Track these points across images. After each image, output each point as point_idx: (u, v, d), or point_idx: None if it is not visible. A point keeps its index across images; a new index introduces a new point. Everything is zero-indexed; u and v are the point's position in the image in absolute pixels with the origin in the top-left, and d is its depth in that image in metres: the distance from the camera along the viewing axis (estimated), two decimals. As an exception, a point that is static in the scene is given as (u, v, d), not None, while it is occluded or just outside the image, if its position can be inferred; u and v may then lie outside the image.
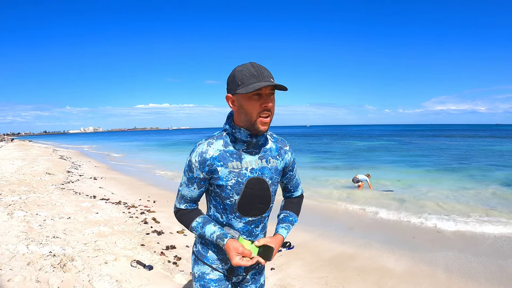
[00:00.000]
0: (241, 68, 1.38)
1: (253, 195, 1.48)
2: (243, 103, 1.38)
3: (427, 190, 10.18)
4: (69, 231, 4.98)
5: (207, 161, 1.43)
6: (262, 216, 1.55)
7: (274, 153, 1.55)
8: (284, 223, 1.63)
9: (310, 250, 5.01)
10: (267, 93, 1.37)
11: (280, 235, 1.57)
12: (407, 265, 4.50)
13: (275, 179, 1.54)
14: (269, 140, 1.56)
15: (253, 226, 1.54)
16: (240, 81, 1.36)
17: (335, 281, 3.90)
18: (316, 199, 8.96)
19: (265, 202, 1.53)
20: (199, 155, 1.44)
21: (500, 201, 8.59)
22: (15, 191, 8.33)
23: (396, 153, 23.82)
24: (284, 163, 1.59)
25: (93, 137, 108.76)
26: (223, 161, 1.43)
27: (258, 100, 1.36)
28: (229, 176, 1.44)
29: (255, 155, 1.49)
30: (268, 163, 1.51)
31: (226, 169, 1.43)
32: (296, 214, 1.72)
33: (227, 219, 1.52)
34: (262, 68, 1.38)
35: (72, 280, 3.33)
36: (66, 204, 6.93)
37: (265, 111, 1.38)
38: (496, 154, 21.46)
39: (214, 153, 1.44)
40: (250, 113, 1.38)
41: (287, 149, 1.61)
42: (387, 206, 8.16)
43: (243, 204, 1.48)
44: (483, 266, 4.48)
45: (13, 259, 3.69)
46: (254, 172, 1.47)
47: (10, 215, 5.70)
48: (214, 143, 1.46)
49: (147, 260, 3.99)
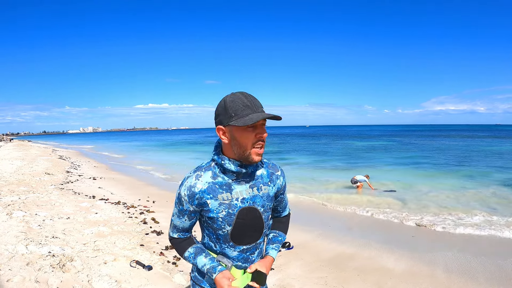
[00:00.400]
0: (232, 99, 1.34)
1: (245, 225, 1.46)
2: (237, 135, 1.35)
3: (426, 191, 10.18)
4: (68, 231, 4.97)
5: (196, 195, 1.40)
6: (256, 243, 1.54)
7: (266, 179, 1.52)
8: (274, 244, 1.63)
9: (310, 250, 5.01)
10: (261, 123, 1.35)
11: (271, 257, 1.57)
12: (406, 265, 4.51)
13: (267, 206, 1.52)
14: (259, 166, 1.52)
15: (248, 254, 1.53)
16: (233, 113, 1.32)
17: (335, 281, 3.90)
18: (315, 199, 8.95)
19: (258, 230, 1.51)
20: (187, 189, 1.41)
21: (499, 202, 8.60)
22: (14, 191, 8.32)
23: (396, 154, 23.83)
24: (276, 188, 1.56)
25: (92, 137, 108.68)
26: (212, 193, 1.40)
27: (253, 132, 1.34)
28: (220, 208, 1.41)
29: (245, 184, 1.45)
30: (260, 191, 1.48)
31: (216, 201, 1.41)
32: (284, 234, 1.72)
33: (220, 248, 1.51)
34: (253, 98, 1.36)
35: (71, 280, 3.33)
36: (65, 204, 6.93)
37: (259, 141, 1.36)
38: (495, 155, 21.47)
39: (203, 186, 1.41)
40: (244, 145, 1.35)
41: (278, 174, 1.58)
42: (386, 206, 8.17)
43: (235, 234, 1.46)
44: (483, 266, 4.48)
45: (12, 259, 3.69)
46: (245, 201, 1.44)
47: (9, 215, 5.69)
48: (202, 175, 1.43)
49: (146, 260, 3.99)
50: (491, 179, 12.01)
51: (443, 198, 9.04)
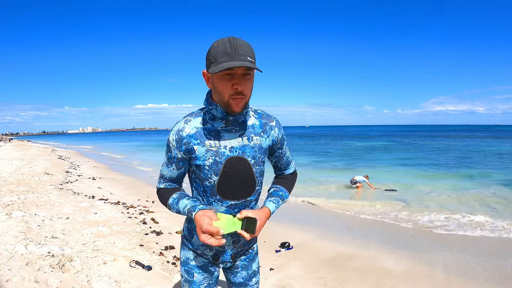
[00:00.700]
0: (216, 44, 1.25)
1: (233, 176, 1.37)
2: (215, 82, 1.29)
3: (426, 191, 10.20)
4: (67, 231, 4.97)
5: (184, 139, 1.35)
6: (246, 200, 1.43)
7: (258, 130, 1.43)
8: (273, 197, 1.51)
9: (309, 250, 5.01)
10: (240, 73, 1.25)
11: (267, 208, 1.45)
12: (406, 265, 4.51)
13: (259, 158, 1.42)
14: (252, 116, 1.44)
15: (236, 211, 1.42)
16: (213, 58, 1.24)
17: (334, 282, 3.90)
18: (315, 199, 8.95)
19: (248, 184, 1.41)
20: (175, 133, 1.36)
21: (499, 202, 8.61)
22: (13, 191, 8.31)
23: (395, 154, 23.84)
24: (270, 140, 1.47)
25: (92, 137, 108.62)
26: (200, 139, 1.35)
27: (230, 81, 1.25)
28: (206, 155, 1.34)
29: (235, 133, 1.37)
30: (251, 141, 1.39)
31: (203, 147, 1.34)
32: (288, 190, 1.60)
33: (208, 202, 1.42)
34: (239, 45, 1.23)
35: (71, 280, 3.32)
36: (65, 204, 6.92)
37: (237, 93, 1.27)
38: (495, 155, 21.50)
39: (191, 130, 1.35)
40: (222, 93, 1.28)
41: (273, 125, 1.48)
42: (386, 206, 8.17)
43: (222, 185, 1.37)
44: (482, 266, 4.49)
45: (12, 260, 3.68)
46: (234, 151, 1.36)
47: (8, 215, 5.68)
48: (191, 120, 1.37)
49: (146, 261, 3.99)
50: (490, 180, 12.02)
51: (442, 199, 9.05)
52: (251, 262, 1.60)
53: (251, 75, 1.29)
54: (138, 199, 8.21)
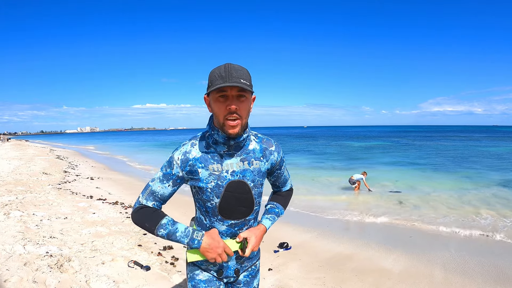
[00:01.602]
0: (213, 70, 1.35)
1: (233, 198, 1.45)
2: (212, 105, 1.37)
3: (423, 191, 10.22)
4: (66, 231, 4.95)
5: (190, 161, 1.41)
6: (245, 219, 1.51)
7: (258, 154, 1.50)
8: (270, 214, 1.62)
9: (308, 250, 5.01)
10: (234, 94, 1.31)
11: (263, 225, 1.56)
12: (404, 265, 4.51)
13: (258, 181, 1.50)
14: (253, 140, 1.51)
15: (236, 229, 1.51)
16: (210, 82, 1.33)
17: (333, 282, 3.90)
18: (313, 199, 8.96)
19: (247, 205, 1.49)
20: (182, 154, 1.42)
21: (497, 202, 8.63)
22: (11, 191, 8.29)
23: (393, 154, 23.89)
24: (269, 164, 1.54)
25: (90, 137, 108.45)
26: (204, 162, 1.41)
27: (224, 102, 1.32)
28: (209, 179, 1.42)
29: (236, 157, 1.45)
30: (251, 165, 1.47)
31: (206, 171, 1.41)
32: (283, 207, 1.70)
33: (210, 221, 1.49)
34: (233, 68, 1.31)
35: (69, 280, 3.32)
36: (63, 204, 6.90)
37: (230, 113, 1.32)
38: (493, 156, 21.57)
39: (197, 154, 1.42)
40: (218, 115, 1.35)
41: (272, 150, 1.55)
42: (384, 206, 8.19)
43: (223, 207, 1.45)
44: (480, 266, 4.50)
45: (10, 260, 3.67)
46: (235, 175, 1.44)
47: (6, 215, 5.67)
48: (197, 144, 1.45)
49: (144, 261, 3.98)
50: (488, 180, 12.06)
51: (440, 199, 9.07)
52: (253, 278, 1.67)
53: (245, 97, 1.35)
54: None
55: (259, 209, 1.57)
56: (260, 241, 1.53)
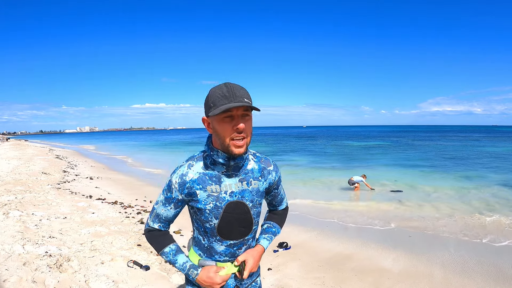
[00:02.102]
0: (214, 90, 1.32)
1: (232, 219, 1.44)
2: (216, 126, 1.33)
3: (423, 191, 10.23)
4: (65, 231, 4.95)
5: (187, 184, 1.39)
6: (244, 239, 1.51)
7: (257, 174, 1.49)
8: (267, 234, 1.61)
9: (307, 250, 5.01)
10: (239, 114, 1.30)
11: (261, 246, 1.56)
12: (404, 265, 4.52)
13: (256, 201, 1.49)
14: (251, 160, 1.50)
15: (235, 249, 1.50)
16: (212, 103, 1.30)
17: (332, 281, 3.90)
18: (313, 200, 8.96)
19: (246, 225, 1.48)
20: (179, 177, 1.41)
21: (496, 202, 8.63)
22: (10, 190, 8.28)
23: (393, 154, 23.89)
24: (267, 183, 1.54)
25: (90, 137, 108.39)
26: (202, 184, 1.40)
27: (230, 123, 1.30)
28: (208, 200, 1.40)
29: (235, 178, 1.43)
30: (249, 186, 1.46)
31: (205, 192, 1.40)
32: (280, 226, 1.69)
33: (208, 242, 1.48)
34: (236, 88, 1.30)
35: (68, 280, 3.31)
36: (62, 204, 6.90)
37: (237, 133, 1.31)
38: (492, 156, 21.58)
39: (194, 176, 1.40)
40: (222, 136, 1.32)
41: (270, 169, 1.54)
42: (384, 206, 8.19)
43: (222, 228, 1.44)
44: (480, 266, 4.50)
45: (9, 259, 3.67)
46: (233, 195, 1.42)
47: (5, 215, 5.66)
48: (194, 165, 1.43)
49: (143, 261, 3.98)
50: (487, 180, 12.06)
51: (440, 199, 9.07)
52: None
53: (249, 116, 1.35)
54: (136, 198, 8.20)
55: (257, 228, 1.57)
56: (258, 261, 1.53)
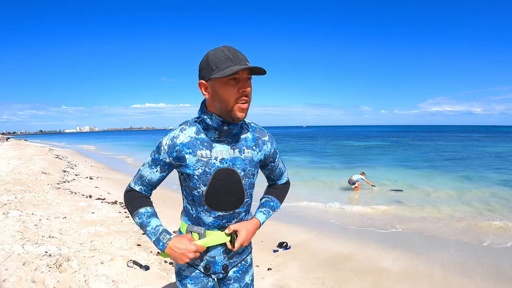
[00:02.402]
0: (214, 52, 1.28)
1: (221, 187, 1.38)
2: (219, 89, 1.28)
3: (423, 191, 10.24)
4: (65, 231, 4.95)
5: (176, 146, 1.36)
6: (234, 212, 1.44)
7: (250, 143, 1.44)
8: (264, 208, 1.56)
9: (307, 250, 5.01)
10: (245, 77, 1.28)
11: (257, 219, 1.50)
12: (404, 265, 4.51)
13: (249, 171, 1.43)
14: (245, 129, 1.46)
15: (224, 221, 1.43)
16: (214, 65, 1.26)
17: (332, 281, 3.90)
18: (313, 200, 8.95)
19: (237, 196, 1.42)
20: (170, 139, 1.37)
21: (496, 202, 8.63)
22: (10, 190, 8.27)
23: (393, 154, 23.90)
24: (262, 155, 1.49)
25: (90, 137, 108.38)
26: (192, 148, 1.36)
27: (235, 86, 1.27)
28: (197, 165, 1.36)
29: (227, 144, 1.39)
30: (242, 154, 1.41)
31: (194, 157, 1.36)
32: (279, 200, 1.63)
33: (196, 212, 1.43)
34: (237, 51, 1.28)
35: (68, 280, 3.31)
36: (62, 204, 6.89)
37: (243, 96, 1.29)
38: (492, 156, 21.58)
39: (185, 139, 1.37)
40: (226, 100, 1.28)
41: (265, 139, 1.50)
42: (384, 206, 8.18)
43: (210, 196, 1.39)
44: (480, 266, 4.50)
45: (9, 259, 3.66)
46: (224, 162, 1.37)
47: (5, 214, 5.66)
48: (186, 129, 1.39)
49: (143, 260, 3.97)
50: (488, 180, 12.07)
51: (440, 199, 9.08)
52: (244, 274, 1.59)
53: (250, 79, 1.32)
54: (136, 198, 8.19)
55: (250, 202, 1.51)
56: (252, 235, 1.46)
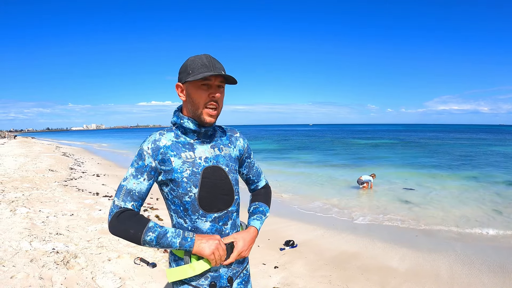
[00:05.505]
0: (194, 58, 1.37)
1: (212, 186, 1.40)
2: (191, 92, 1.36)
3: (430, 190, 10.15)
4: (72, 228, 4.98)
5: (161, 149, 1.35)
6: (228, 211, 1.44)
7: (225, 141, 1.52)
8: (255, 215, 1.58)
9: (314, 249, 5.00)
10: (216, 84, 1.36)
11: (253, 227, 1.52)
12: (410, 264, 4.48)
13: (232, 166, 1.49)
14: (218, 130, 1.54)
15: (221, 224, 1.42)
16: (191, 70, 1.34)
17: (339, 280, 3.89)
18: (320, 198, 8.93)
19: (227, 192, 1.44)
20: (152, 142, 1.36)
21: (504, 202, 8.54)
22: (18, 187, 8.35)
23: (400, 153, 23.75)
24: (237, 150, 1.56)
25: (97, 134, 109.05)
26: (176, 151, 1.37)
27: (207, 91, 1.35)
28: (184, 167, 1.36)
29: (207, 145, 1.45)
30: (221, 151, 1.47)
31: (179, 159, 1.36)
32: (266, 204, 1.65)
33: (191, 221, 1.39)
34: (215, 60, 1.37)
35: (75, 277, 3.33)
36: (69, 201, 6.94)
37: (212, 101, 1.36)
38: (499, 155, 21.35)
39: (167, 142, 1.38)
40: (197, 103, 1.36)
41: (237, 136, 1.59)
42: (390, 205, 8.14)
43: (204, 197, 1.38)
44: (486, 266, 4.46)
45: (16, 256, 3.70)
46: (208, 161, 1.41)
47: (13, 211, 5.71)
48: (165, 134, 1.41)
49: (150, 258, 3.99)
50: (496, 180, 11.93)
51: (447, 198, 9.00)
52: (246, 284, 1.58)
53: (223, 88, 1.41)
54: (142, 196, 8.22)
55: (239, 200, 1.52)
56: (251, 244, 1.46)
